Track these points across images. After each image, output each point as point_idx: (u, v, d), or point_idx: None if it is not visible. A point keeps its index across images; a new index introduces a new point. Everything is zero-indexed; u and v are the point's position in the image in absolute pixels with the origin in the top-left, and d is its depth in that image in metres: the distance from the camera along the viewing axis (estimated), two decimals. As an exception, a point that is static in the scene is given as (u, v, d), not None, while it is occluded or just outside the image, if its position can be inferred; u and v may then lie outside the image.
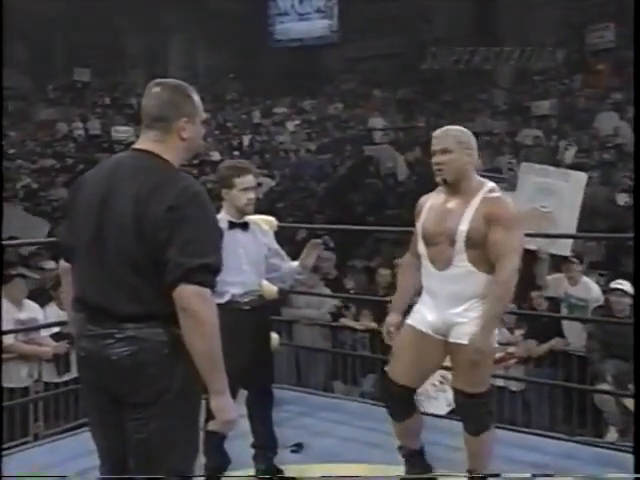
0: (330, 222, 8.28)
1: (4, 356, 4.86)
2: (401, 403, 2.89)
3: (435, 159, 2.80)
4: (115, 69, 18.89)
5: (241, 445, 3.31)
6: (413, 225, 2.96)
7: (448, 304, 2.78)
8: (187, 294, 1.88)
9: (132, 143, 2.16)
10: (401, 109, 14.95)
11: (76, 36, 17.52)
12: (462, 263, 2.74)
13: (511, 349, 5.19)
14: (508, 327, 5.26)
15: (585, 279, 5.32)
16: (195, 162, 12.23)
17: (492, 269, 2.74)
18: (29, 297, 5.28)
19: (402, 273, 3.06)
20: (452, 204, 2.79)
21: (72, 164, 13.34)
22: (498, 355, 5.26)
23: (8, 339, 4.90)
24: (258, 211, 3.98)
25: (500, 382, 5.13)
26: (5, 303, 5.12)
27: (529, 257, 5.78)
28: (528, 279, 5.79)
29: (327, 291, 5.83)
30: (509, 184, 8.71)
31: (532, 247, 5.36)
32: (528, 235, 3.61)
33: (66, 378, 5.01)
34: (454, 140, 2.78)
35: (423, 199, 2.94)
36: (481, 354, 2.71)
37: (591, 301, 5.13)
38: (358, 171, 12.15)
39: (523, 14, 15.39)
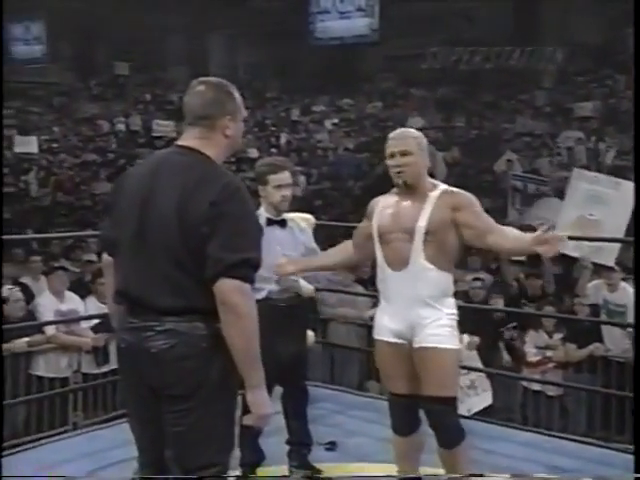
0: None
1: (46, 346, 4.97)
2: (405, 413, 2.81)
3: (394, 161, 2.76)
4: (156, 65, 19.11)
5: (276, 441, 3.32)
6: None
7: (408, 307, 2.72)
8: (227, 288, 1.90)
9: (172, 139, 2.19)
10: (440, 109, 14.85)
11: (120, 34, 17.73)
12: (420, 261, 2.69)
13: (549, 353, 5.12)
14: (547, 331, 5.20)
15: (624, 285, 5.24)
16: (232, 159, 12.31)
17: (450, 266, 2.73)
18: (70, 289, 5.37)
19: (333, 249, 3.08)
20: (408, 203, 2.76)
21: (113, 159, 13.53)
22: (535, 358, 5.22)
23: (50, 330, 5.00)
24: (296, 209, 3.99)
25: (537, 386, 5.07)
26: (47, 295, 5.23)
27: (570, 263, 5.72)
28: (567, 284, 5.72)
29: (360, 289, 5.82)
30: (550, 187, 8.63)
31: (575, 254, 5.30)
32: (572, 238, 3.55)
33: (105, 369, 5.08)
34: (414, 142, 2.78)
35: (375, 200, 2.91)
36: (559, 240, 2.52)
37: (630, 307, 5.05)
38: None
39: (565, 14, 15.16)
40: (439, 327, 2.70)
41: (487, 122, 13.49)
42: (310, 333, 3.99)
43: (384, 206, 2.84)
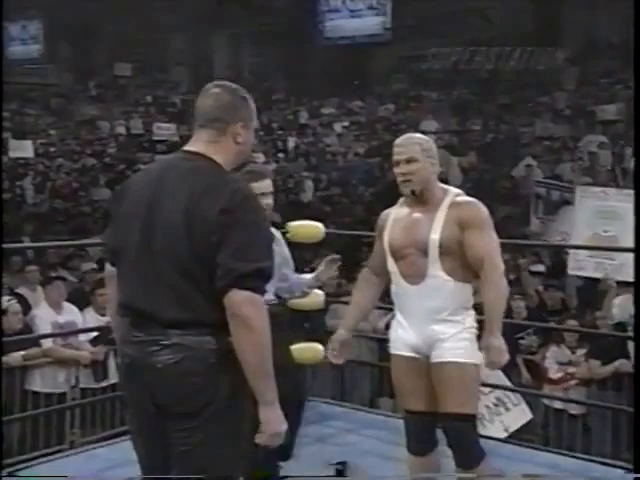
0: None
1: (42, 360, 4.98)
2: (421, 431, 2.81)
3: (400, 169, 2.77)
4: (157, 66, 19.21)
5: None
6: None
7: (426, 321, 2.73)
8: (238, 300, 1.91)
9: (174, 142, 2.21)
10: (456, 111, 14.86)
11: (120, 33, 17.85)
12: (437, 273, 2.70)
13: (571, 369, 5.10)
14: (569, 346, 5.18)
15: (652, 299, 5.20)
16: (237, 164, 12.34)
17: (468, 277, 2.73)
18: (68, 300, 5.39)
19: (357, 289, 3.02)
20: (419, 214, 2.77)
21: (113, 163, 13.59)
22: (557, 375, 5.19)
23: (47, 343, 5.00)
24: (304, 216, 3.99)
25: (559, 404, 5.04)
26: (44, 306, 5.25)
27: (592, 284, 5.69)
28: (590, 297, 5.71)
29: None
30: (572, 194, 8.58)
31: (597, 275, 5.28)
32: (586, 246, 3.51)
33: (104, 384, 5.09)
34: (419, 149, 2.77)
35: (384, 214, 2.91)
36: (502, 354, 2.64)
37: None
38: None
39: (588, 12, 15.16)
40: (458, 341, 2.71)
41: (505, 125, 13.48)
42: (319, 347, 3.99)
43: (395, 220, 2.84)
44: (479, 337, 2.77)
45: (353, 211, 10.53)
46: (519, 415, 4.57)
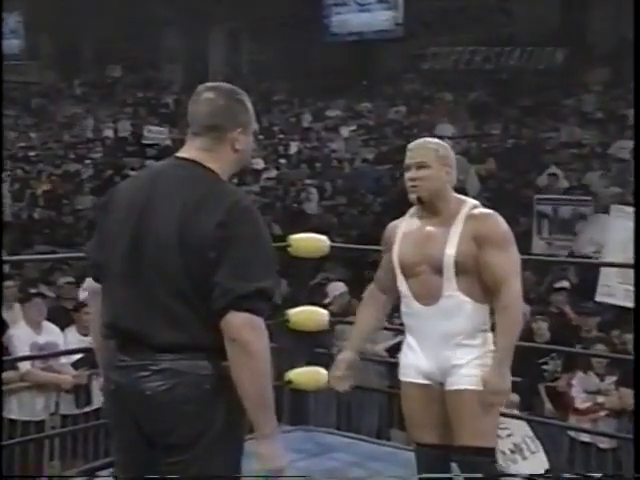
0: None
1: (19, 385, 4.98)
2: (434, 466, 2.79)
3: (410, 174, 2.77)
4: (148, 64, 19.31)
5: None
6: None
7: (440, 345, 2.72)
8: (237, 323, 1.90)
9: (166, 147, 2.22)
10: (473, 114, 14.90)
11: (108, 28, 17.95)
12: (454, 293, 2.69)
13: (600, 399, 5.08)
14: (598, 372, 5.16)
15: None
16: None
17: (487, 297, 2.72)
18: (48, 319, 5.38)
19: (363, 306, 3.02)
20: (432, 228, 2.76)
21: (99, 169, 13.64)
22: (585, 405, 5.17)
23: (24, 365, 5.00)
24: (307, 228, 4.01)
25: (586, 437, 5.02)
26: (22, 325, 5.25)
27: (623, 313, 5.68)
28: (621, 323, 5.69)
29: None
30: (598, 205, 8.56)
31: (628, 304, 5.26)
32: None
33: (87, 410, 5.08)
34: (433, 154, 2.77)
35: (392, 226, 2.91)
36: (499, 395, 2.66)
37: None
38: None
39: (618, 7, 15.21)
40: (476, 367, 2.70)
41: (527, 130, 13.50)
42: (322, 372, 3.98)
43: (405, 233, 2.83)
44: None
45: (361, 223, 10.53)
46: (536, 464, 4.56)
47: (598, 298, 5.88)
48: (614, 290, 5.57)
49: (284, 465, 1.99)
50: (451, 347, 2.72)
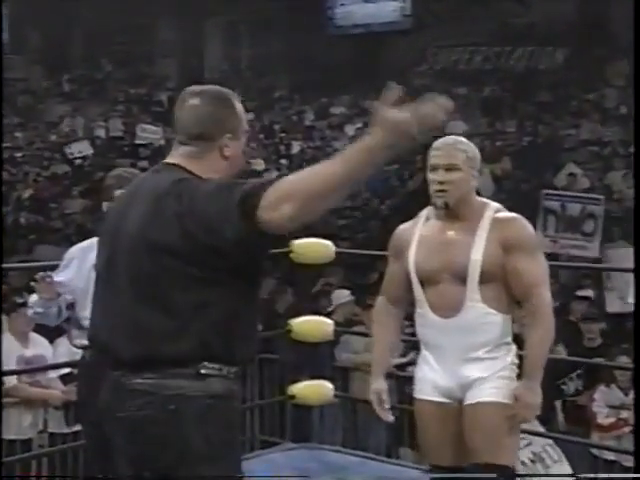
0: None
1: (5, 401, 4.97)
2: None
3: (437, 176, 2.71)
4: (141, 58, 19.33)
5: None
6: None
7: (460, 360, 2.69)
8: (271, 199, 1.82)
9: (160, 147, 2.25)
10: (487, 111, 14.90)
11: (98, 20, 17.98)
12: (477, 304, 2.66)
13: (624, 414, 5.07)
14: (621, 386, 5.16)
15: None
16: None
17: (511, 307, 2.70)
18: (35, 330, 5.38)
19: (378, 324, 2.94)
20: (453, 233, 2.71)
21: (89, 171, 13.65)
22: (608, 420, 5.17)
23: (11, 380, 5.00)
24: (310, 233, 4.00)
25: (610, 455, 5.01)
26: (8, 337, 5.25)
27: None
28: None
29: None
30: (599, 206, 8.44)
31: None
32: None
33: (77, 429, 5.07)
34: (464, 156, 2.72)
35: (403, 230, 2.85)
36: (530, 411, 2.64)
37: None
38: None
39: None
40: (496, 380, 2.67)
41: (543, 127, 13.51)
42: (327, 385, 3.98)
43: (422, 238, 2.77)
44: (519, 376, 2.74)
45: (367, 227, 10.54)
46: (561, 472, 4.54)
47: (609, 309, 5.89)
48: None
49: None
50: (471, 362, 2.69)
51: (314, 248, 4.04)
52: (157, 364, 1.91)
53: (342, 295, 6.29)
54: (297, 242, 3.97)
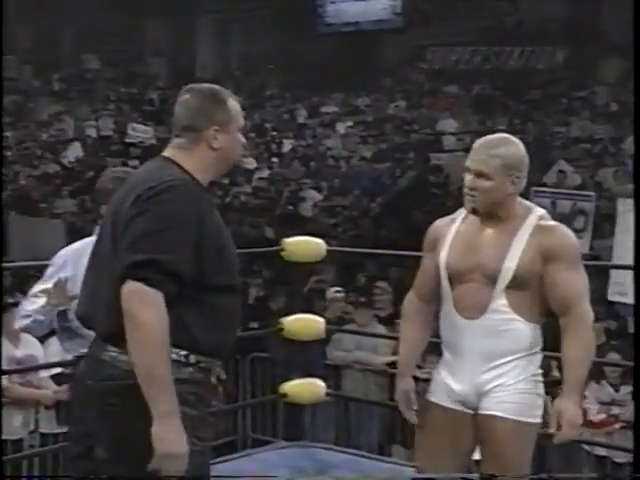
0: (387, 246, 8.26)
1: (-4, 400, 4.97)
2: None
3: (467, 182, 2.62)
4: (132, 57, 19.29)
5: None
6: None
7: (479, 366, 2.61)
8: (125, 291, 1.98)
9: (151, 145, 2.39)
10: (477, 109, 14.92)
11: (88, 18, 17.94)
12: (503, 309, 2.58)
13: (615, 410, 5.09)
14: (612, 382, 5.17)
15: None
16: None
17: (538, 316, 2.62)
18: (26, 330, 5.38)
19: (407, 321, 2.84)
20: (491, 234, 2.63)
21: (80, 170, 13.63)
22: (599, 418, 5.18)
23: (2, 381, 4.99)
24: (302, 231, 4.00)
25: (602, 451, 5.03)
26: (-1, 337, 5.24)
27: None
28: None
29: (382, 330, 5.81)
30: (590, 203, 8.48)
31: None
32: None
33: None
34: (497, 164, 2.58)
35: (439, 225, 2.77)
36: (574, 428, 2.54)
37: None
38: (423, 184, 12.13)
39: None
40: (514, 393, 2.58)
41: (534, 125, 13.54)
42: (318, 383, 3.98)
43: (457, 235, 2.69)
44: (546, 386, 2.68)
45: (358, 225, 10.55)
46: None
47: (610, 297, 5.88)
48: (627, 289, 5.57)
49: (180, 451, 1.96)
50: (491, 369, 2.60)
51: (305, 246, 4.04)
52: (123, 339, 2.00)
53: (333, 293, 6.31)
54: (288, 240, 3.97)
